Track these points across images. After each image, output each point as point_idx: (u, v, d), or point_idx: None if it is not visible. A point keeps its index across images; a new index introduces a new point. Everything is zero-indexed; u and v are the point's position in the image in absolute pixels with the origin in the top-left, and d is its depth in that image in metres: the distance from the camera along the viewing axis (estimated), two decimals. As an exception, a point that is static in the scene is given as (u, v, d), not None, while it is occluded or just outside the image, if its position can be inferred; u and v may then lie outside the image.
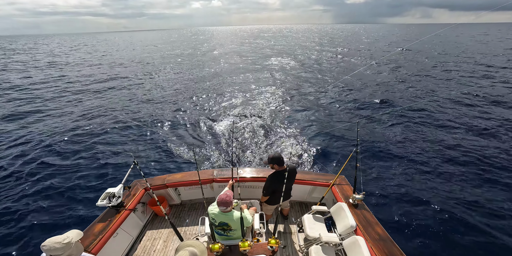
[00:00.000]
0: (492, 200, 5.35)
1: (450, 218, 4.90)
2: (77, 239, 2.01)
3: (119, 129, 9.27)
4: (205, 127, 9.27)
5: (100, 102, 12.62)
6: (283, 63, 23.82)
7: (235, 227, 2.53)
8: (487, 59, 23.59)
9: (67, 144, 8.08)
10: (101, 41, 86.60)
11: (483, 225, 4.72)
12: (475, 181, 6.04)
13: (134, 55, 34.45)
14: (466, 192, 5.65)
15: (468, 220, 4.83)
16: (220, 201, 2.37)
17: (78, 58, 32.72)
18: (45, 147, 7.89)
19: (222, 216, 2.48)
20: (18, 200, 5.53)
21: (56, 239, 1.86)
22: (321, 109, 11.09)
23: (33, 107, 11.99)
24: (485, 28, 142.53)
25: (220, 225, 2.54)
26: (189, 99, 12.87)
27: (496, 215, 4.96)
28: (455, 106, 11.11)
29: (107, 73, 20.49)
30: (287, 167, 2.99)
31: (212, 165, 6.81)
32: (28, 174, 6.49)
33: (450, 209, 5.11)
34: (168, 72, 20.43)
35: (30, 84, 16.99)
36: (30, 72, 22.07)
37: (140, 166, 3.19)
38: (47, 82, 17.68)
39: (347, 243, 2.74)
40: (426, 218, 4.93)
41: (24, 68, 24.37)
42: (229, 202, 2.37)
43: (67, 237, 1.91)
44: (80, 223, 4.83)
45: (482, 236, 4.51)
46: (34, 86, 16.29)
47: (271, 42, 52.42)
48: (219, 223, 2.53)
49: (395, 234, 4.29)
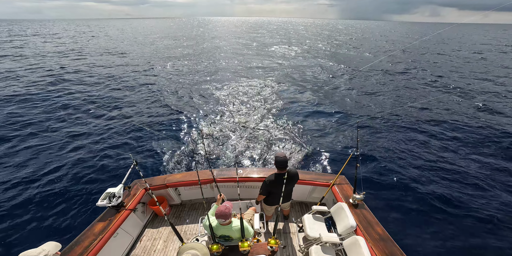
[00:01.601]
0: (499, 201, 5.35)
1: (451, 218, 4.89)
2: (54, 251, 1.86)
3: (119, 129, 9.27)
4: (205, 127, 9.27)
5: (100, 102, 12.61)
6: (286, 56, 23.82)
7: (236, 237, 2.52)
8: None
9: (67, 143, 8.08)
10: (111, 28, 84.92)
11: (484, 225, 4.72)
12: (476, 181, 6.03)
13: (135, 45, 34.17)
14: (466, 191, 5.64)
15: (469, 220, 4.83)
16: (219, 213, 2.30)
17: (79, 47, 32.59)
18: (45, 147, 7.90)
19: (222, 229, 2.45)
20: (16, 200, 5.53)
21: (31, 253, 1.73)
22: (321, 109, 11.09)
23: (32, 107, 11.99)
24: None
25: (222, 237, 2.53)
26: (189, 99, 12.86)
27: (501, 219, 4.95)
28: (456, 106, 11.11)
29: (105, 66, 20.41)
30: (287, 172, 2.93)
31: (212, 165, 6.81)
32: (28, 174, 6.49)
33: (450, 209, 5.11)
34: (169, 69, 20.37)
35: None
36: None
37: (140, 166, 3.19)
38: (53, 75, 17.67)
39: (347, 243, 2.74)
40: (426, 218, 4.93)
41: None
42: (228, 215, 2.32)
43: (42, 250, 1.77)
44: (79, 223, 4.83)
45: (483, 236, 4.50)
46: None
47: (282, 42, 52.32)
48: (220, 235, 2.51)
49: (396, 234, 4.29)
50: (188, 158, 7.15)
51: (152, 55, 26.42)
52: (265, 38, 47.68)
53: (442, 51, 31.29)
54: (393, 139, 8.18)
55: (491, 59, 24.34)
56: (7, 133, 8.88)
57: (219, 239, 2.58)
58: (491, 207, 5.18)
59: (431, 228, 4.69)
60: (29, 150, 7.79)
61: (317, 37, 52.17)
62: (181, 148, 7.73)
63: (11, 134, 8.82)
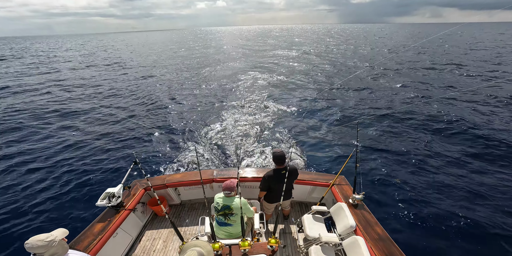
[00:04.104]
0: (499, 200, 5.36)
1: (451, 218, 4.90)
2: (61, 237, 1.99)
3: (119, 129, 9.27)
4: (206, 127, 9.27)
5: (99, 102, 12.62)
6: (287, 57, 23.83)
7: (236, 211, 2.74)
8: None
9: (66, 143, 8.07)
10: (118, 41, 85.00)
11: (485, 225, 4.72)
12: (477, 182, 6.04)
13: (144, 55, 34.34)
14: (466, 192, 5.65)
15: (469, 220, 4.84)
16: (225, 186, 2.73)
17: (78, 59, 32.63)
18: (45, 146, 7.88)
19: (225, 199, 2.77)
20: (16, 200, 5.52)
21: (39, 237, 1.86)
22: (321, 109, 11.10)
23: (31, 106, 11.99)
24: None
25: (223, 209, 2.75)
26: (189, 99, 12.86)
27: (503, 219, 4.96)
28: (456, 105, 11.12)
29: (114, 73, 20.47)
30: (287, 166, 2.98)
31: (212, 165, 6.81)
32: (27, 173, 6.48)
33: (450, 209, 5.12)
34: (174, 72, 20.43)
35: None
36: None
37: (140, 166, 3.20)
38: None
39: (347, 243, 2.74)
40: (427, 218, 4.93)
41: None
42: (233, 187, 2.74)
43: (50, 235, 1.91)
44: (79, 223, 4.82)
45: (483, 236, 4.51)
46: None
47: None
48: (221, 206, 2.76)
49: (395, 234, 4.30)
50: (188, 158, 7.14)
51: (154, 62, 26.63)
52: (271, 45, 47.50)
53: (444, 49, 31.36)
54: (394, 138, 8.19)
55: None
56: (7, 133, 8.87)
57: (220, 216, 2.81)
58: (497, 205, 5.19)
59: (431, 228, 4.69)
60: (29, 150, 7.78)
61: (320, 40, 52.21)
62: (181, 148, 7.73)
63: (11, 134, 8.81)
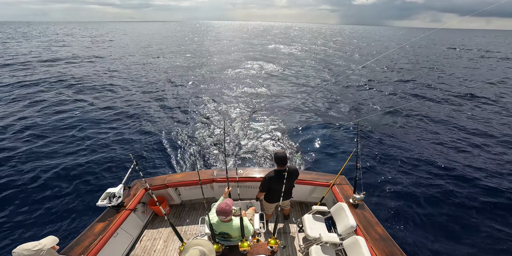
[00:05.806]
0: (499, 201, 5.34)
1: (451, 218, 4.89)
2: (50, 245, 1.95)
3: (119, 129, 9.27)
4: (206, 127, 9.27)
5: (99, 102, 12.62)
6: (287, 58, 23.81)
7: (235, 235, 2.50)
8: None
9: (66, 143, 8.08)
10: (129, 31, 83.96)
11: (486, 226, 4.71)
12: (478, 181, 6.02)
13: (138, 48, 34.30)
14: (467, 191, 5.63)
15: (472, 220, 4.82)
16: (220, 210, 2.28)
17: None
18: (45, 146, 7.90)
19: (222, 226, 2.44)
20: (16, 200, 5.53)
21: (27, 246, 1.83)
22: (321, 109, 11.08)
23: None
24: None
25: (221, 234, 2.53)
26: (189, 99, 12.86)
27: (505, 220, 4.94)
28: (457, 105, 11.09)
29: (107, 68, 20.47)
30: (288, 168, 2.97)
31: (212, 165, 6.81)
32: (27, 173, 6.49)
33: (450, 209, 5.10)
34: (173, 71, 20.40)
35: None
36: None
37: (140, 166, 3.19)
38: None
39: (347, 243, 2.74)
40: (427, 218, 4.92)
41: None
42: (228, 212, 2.29)
43: (38, 244, 1.88)
44: (80, 223, 4.83)
45: (483, 237, 4.49)
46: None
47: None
48: (219, 232, 2.51)
49: (396, 234, 4.29)
50: (188, 158, 7.15)
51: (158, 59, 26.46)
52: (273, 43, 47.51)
53: (440, 53, 31.25)
54: (394, 138, 8.17)
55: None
56: (6, 133, 8.88)
57: (219, 237, 2.58)
58: (497, 205, 5.17)
59: (432, 228, 4.68)
60: (28, 149, 7.80)
61: (323, 40, 52.12)
62: (181, 148, 7.73)
63: (11, 134, 8.83)
